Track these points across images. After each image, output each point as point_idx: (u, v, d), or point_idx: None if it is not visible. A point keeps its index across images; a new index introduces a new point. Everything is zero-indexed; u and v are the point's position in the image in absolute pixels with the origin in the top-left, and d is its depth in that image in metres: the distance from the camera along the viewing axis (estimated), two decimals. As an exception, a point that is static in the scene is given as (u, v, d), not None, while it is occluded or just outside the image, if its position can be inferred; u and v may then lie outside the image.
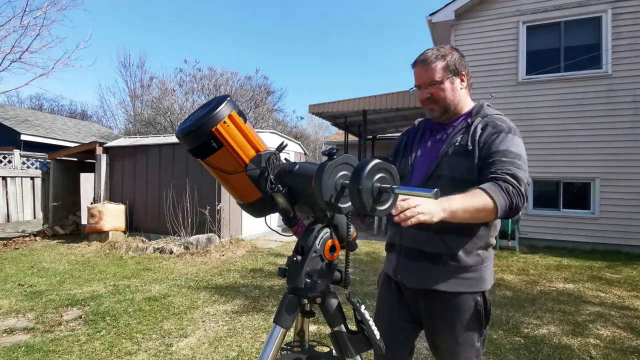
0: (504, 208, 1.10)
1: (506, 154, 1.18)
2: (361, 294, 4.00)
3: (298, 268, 1.00)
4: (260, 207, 1.07)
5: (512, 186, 1.12)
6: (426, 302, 1.33)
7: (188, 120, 1.00)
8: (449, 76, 1.30)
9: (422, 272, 1.30)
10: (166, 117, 15.43)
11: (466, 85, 1.35)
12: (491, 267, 1.34)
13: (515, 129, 1.26)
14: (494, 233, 1.32)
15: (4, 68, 7.75)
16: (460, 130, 1.30)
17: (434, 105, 1.33)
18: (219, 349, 2.77)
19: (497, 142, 1.21)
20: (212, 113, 0.93)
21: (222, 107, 0.95)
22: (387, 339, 1.43)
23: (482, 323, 1.29)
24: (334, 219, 1.06)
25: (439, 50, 1.32)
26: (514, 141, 1.22)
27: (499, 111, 1.35)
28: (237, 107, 1.00)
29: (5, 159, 9.00)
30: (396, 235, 1.39)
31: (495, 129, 1.25)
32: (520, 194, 1.12)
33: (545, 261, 5.74)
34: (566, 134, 6.90)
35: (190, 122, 0.97)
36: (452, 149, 1.28)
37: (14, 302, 3.77)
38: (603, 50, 6.75)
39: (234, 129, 0.97)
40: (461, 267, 1.27)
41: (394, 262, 1.40)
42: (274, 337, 1.00)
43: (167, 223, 6.60)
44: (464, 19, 7.62)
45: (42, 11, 7.91)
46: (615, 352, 2.75)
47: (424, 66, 1.31)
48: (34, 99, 28.42)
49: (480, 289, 1.28)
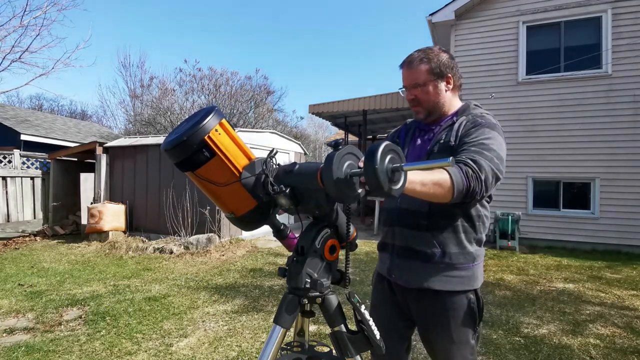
0: (460, 189, 1.08)
1: (475, 143, 1.19)
2: (361, 294, 4.00)
3: (298, 268, 1.00)
4: (252, 218, 1.04)
5: (472, 170, 1.11)
6: (419, 301, 1.34)
7: (174, 132, 0.97)
8: (432, 79, 1.31)
9: (415, 270, 1.32)
10: (166, 117, 15.43)
11: (453, 87, 1.35)
12: (482, 265, 1.36)
13: (495, 124, 1.27)
14: (483, 229, 1.33)
15: (4, 68, 7.75)
16: (445, 128, 1.32)
17: (419, 107, 1.35)
18: (219, 349, 2.77)
19: (471, 132, 1.23)
20: (202, 122, 0.91)
21: (212, 115, 0.93)
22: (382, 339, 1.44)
23: (476, 320, 1.30)
24: (336, 218, 1.06)
25: (425, 53, 1.32)
26: (488, 134, 1.22)
27: (488, 111, 1.35)
28: (225, 117, 0.99)
29: (5, 159, 9.01)
30: (389, 235, 1.41)
31: (473, 123, 1.26)
32: (479, 179, 1.11)
33: (545, 261, 5.74)
34: (566, 134, 6.90)
35: (178, 134, 0.94)
36: (437, 147, 1.29)
37: (14, 302, 3.77)
38: (603, 50, 6.76)
39: (226, 136, 0.96)
40: (453, 265, 1.28)
41: (387, 261, 1.42)
42: (274, 337, 1.00)
43: (167, 223, 6.60)
44: (464, 19, 7.62)
45: (42, 11, 7.91)
46: (615, 352, 2.76)
47: (408, 69, 1.33)
48: (34, 99, 28.46)
49: (472, 286, 1.30)
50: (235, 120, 15.97)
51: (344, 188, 0.85)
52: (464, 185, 1.09)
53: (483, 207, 1.32)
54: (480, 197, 1.15)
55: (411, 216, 1.31)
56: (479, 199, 1.16)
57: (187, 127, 0.94)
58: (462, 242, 1.28)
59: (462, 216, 1.28)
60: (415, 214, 1.30)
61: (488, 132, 1.23)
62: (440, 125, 1.35)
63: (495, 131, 1.24)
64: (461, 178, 1.08)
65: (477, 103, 1.39)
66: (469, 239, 1.29)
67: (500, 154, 1.21)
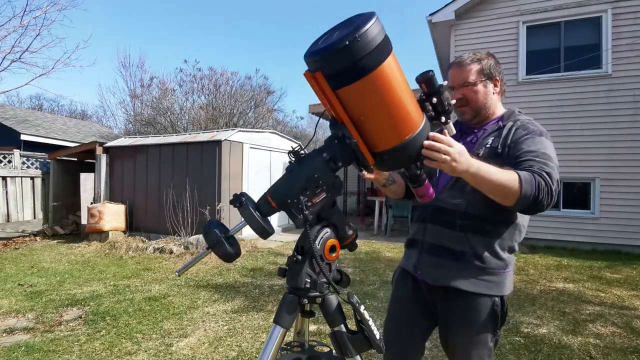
0: (527, 197, 1.06)
1: (539, 154, 1.17)
2: (361, 294, 4.00)
3: (298, 268, 1.00)
4: (426, 133, 0.96)
5: (546, 183, 1.08)
6: (443, 299, 1.34)
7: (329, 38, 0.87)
8: (482, 79, 1.32)
9: (443, 268, 1.31)
10: (166, 117, 15.42)
11: (499, 90, 1.37)
12: (512, 273, 1.34)
13: (546, 133, 1.26)
14: (518, 238, 1.31)
15: (4, 68, 7.76)
16: (492, 132, 1.31)
17: (466, 108, 1.34)
18: (219, 348, 2.77)
19: (529, 142, 1.21)
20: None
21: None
22: (400, 334, 1.44)
23: (498, 324, 1.30)
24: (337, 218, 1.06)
25: (475, 55, 1.35)
26: (545, 144, 1.21)
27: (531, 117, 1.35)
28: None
29: (5, 159, 9.01)
30: (419, 232, 1.40)
31: (526, 130, 1.25)
32: (549, 193, 1.08)
33: (545, 261, 5.74)
34: (566, 134, 6.90)
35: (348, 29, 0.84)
36: (483, 151, 1.28)
37: (14, 302, 3.77)
38: (603, 50, 6.75)
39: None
40: (483, 269, 1.27)
41: (414, 258, 1.41)
42: (274, 337, 1.00)
43: (167, 223, 6.59)
44: (464, 18, 7.62)
45: (42, 11, 7.92)
46: (615, 352, 2.76)
47: (459, 68, 1.34)
48: (34, 98, 28.41)
49: (498, 293, 1.29)
50: (235, 120, 15.96)
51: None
52: (532, 195, 1.06)
53: (522, 217, 1.30)
54: (547, 208, 1.13)
55: (446, 214, 1.30)
56: (544, 210, 1.12)
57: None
58: (495, 248, 1.27)
59: (502, 222, 1.27)
60: (451, 212, 1.29)
61: (543, 141, 1.22)
62: (485, 129, 1.34)
63: (548, 139, 1.24)
64: (531, 188, 1.06)
65: (520, 109, 1.38)
66: (502, 246, 1.28)
67: (556, 162, 1.20)
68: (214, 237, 0.93)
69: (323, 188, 0.94)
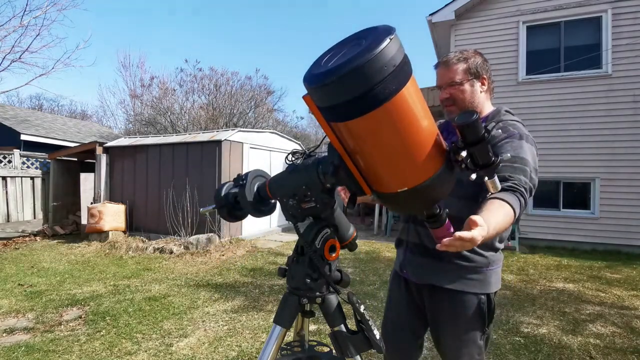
0: (518, 217, 1.11)
1: (517, 159, 1.18)
2: (361, 294, 4.00)
3: (298, 268, 1.00)
4: (441, 182, 0.78)
5: (525, 200, 1.13)
6: (430, 297, 1.36)
7: (340, 58, 0.70)
8: (469, 78, 1.32)
9: (426, 267, 1.33)
10: (166, 117, 15.42)
11: (487, 89, 1.36)
12: (498, 271, 1.34)
13: (527, 135, 1.26)
14: (502, 236, 1.32)
15: (4, 68, 7.76)
16: None
17: (453, 107, 1.35)
18: (219, 348, 2.77)
19: (507, 147, 1.21)
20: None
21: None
22: (395, 334, 1.46)
23: (485, 321, 1.31)
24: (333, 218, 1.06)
25: (462, 53, 1.34)
26: (524, 147, 1.21)
27: (517, 117, 1.35)
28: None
29: (5, 159, 9.00)
30: (404, 232, 1.43)
31: (506, 133, 1.25)
32: (526, 203, 1.14)
33: (545, 261, 5.74)
34: (566, 134, 6.90)
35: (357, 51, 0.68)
36: None
37: (14, 302, 3.77)
38: (603, 50, 6.76)
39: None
40: (465, 267, 1.28)
41: (400, 257, 1.44)
42: (274, 337, 1.00)
43: (167, 223, 6.60)
44: (464, 19, 7.62)
45: (42, 11, 7.92)
46: (614, 352, 2.76)
47: (445, 67, 1.34)
48: (34, 98, 28.37)
49: (483, 290, 1.29)
50: (235, 120, 15.96)
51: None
52: (518, 215, 1.10)
53: None
54: None
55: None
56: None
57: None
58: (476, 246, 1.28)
59: None
60: None
61: (522, 144, 1.22)
62: None
63: (529, 142, 1.24)
64: (519, 210, 1.09)
65: (508, 109, 1.38)
66: (485, 244, 1.27)
67: (536, 166, 1.22)
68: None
69: (312, 199, 0.93)
